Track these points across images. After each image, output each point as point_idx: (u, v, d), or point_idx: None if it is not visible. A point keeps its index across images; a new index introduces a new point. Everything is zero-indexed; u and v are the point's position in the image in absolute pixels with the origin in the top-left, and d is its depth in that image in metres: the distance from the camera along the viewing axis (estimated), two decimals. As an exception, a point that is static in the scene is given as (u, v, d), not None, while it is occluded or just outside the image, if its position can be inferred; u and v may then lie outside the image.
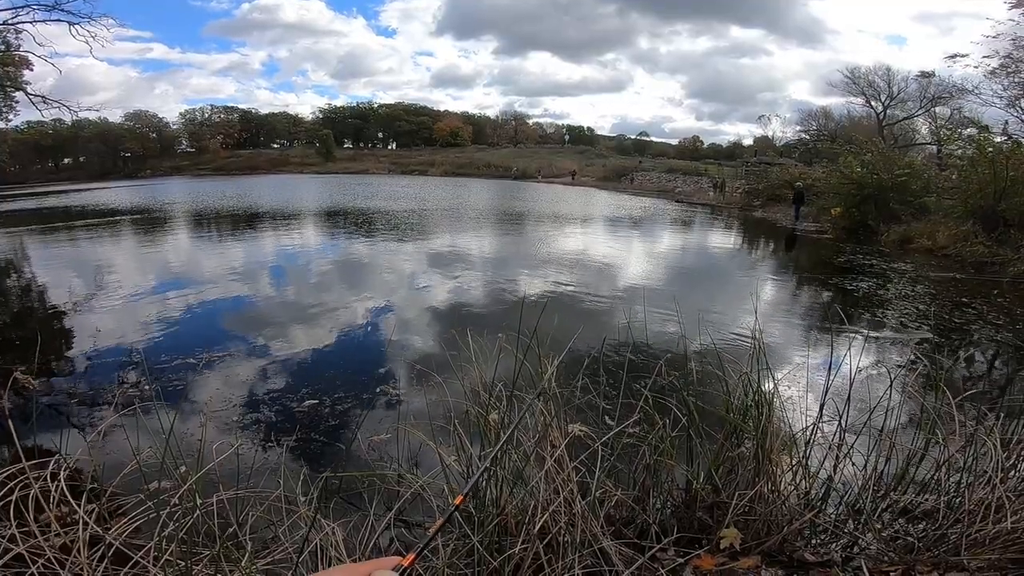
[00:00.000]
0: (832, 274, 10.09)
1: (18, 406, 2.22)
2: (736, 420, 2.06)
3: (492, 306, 6.97)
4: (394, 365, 4.85)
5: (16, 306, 7.52)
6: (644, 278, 9.30)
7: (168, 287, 7.95)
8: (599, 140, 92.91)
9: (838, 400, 2.03)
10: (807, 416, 2.08)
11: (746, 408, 2.09)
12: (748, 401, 2.10)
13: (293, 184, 42.26)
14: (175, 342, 5.36)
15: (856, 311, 7.41)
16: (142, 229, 16.10)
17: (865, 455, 1.93)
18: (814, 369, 3.49)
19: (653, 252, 12.51)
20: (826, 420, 2.04)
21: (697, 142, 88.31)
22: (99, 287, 8.04)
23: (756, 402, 2.07)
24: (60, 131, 62.60)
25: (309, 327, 6.06)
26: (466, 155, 72.09)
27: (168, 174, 64.33)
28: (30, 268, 10.36)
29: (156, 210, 22.06)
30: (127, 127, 70.87)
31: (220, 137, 76.18)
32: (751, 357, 2.22)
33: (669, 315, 6.13)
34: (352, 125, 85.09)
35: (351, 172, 64.61)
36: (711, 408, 2.24)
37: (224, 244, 13.20)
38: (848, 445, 1.97)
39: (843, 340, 5.19)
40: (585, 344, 4.85)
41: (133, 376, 4.51)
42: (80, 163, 69.34)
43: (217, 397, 4.05)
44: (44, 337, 5.63)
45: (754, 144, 64.87)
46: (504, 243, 13.55)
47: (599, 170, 53.25)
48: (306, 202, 25.49)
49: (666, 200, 31.04)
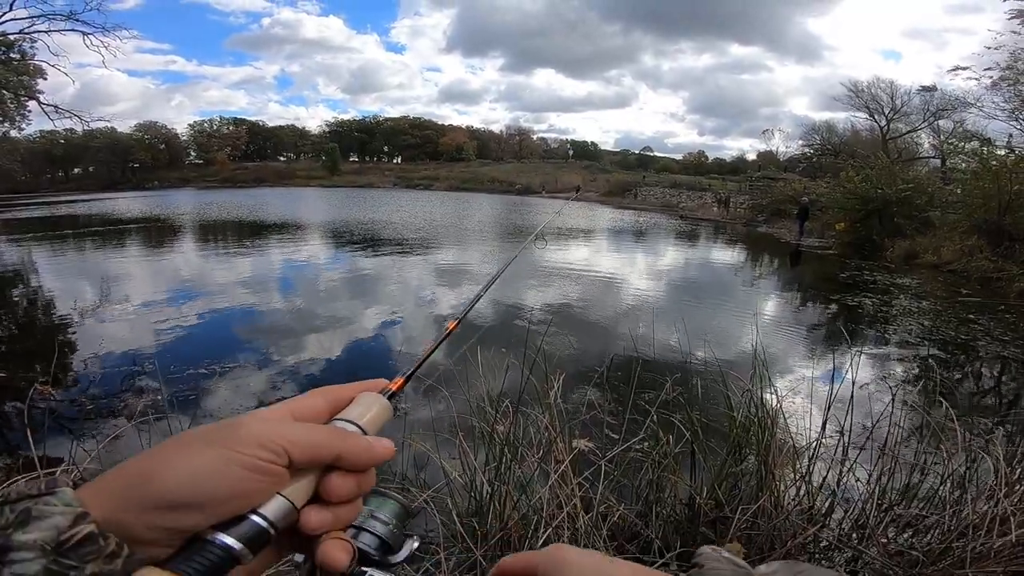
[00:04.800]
0: (836, 290, 10.08)
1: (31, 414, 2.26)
2: (739, 435, 2.08)
3: (497, 320, 7.00)
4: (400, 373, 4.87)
5: (32, 315, 7.60)
6: (647, 294, 9.32)
7: (180, 298, 8.03)
8: (603, 155, 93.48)
9: (841, 415, 2.04)
10: (810, 431, 2.09)
11: (749, 423, 2.11)
12: (751, 417, 2.12)
13: (300, 197, 42.59)
14: (185, 351, 5.41)
15: (859, 327, 7.40)
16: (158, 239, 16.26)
17: (869, 469, 1.94)
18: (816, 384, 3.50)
19: (656, 268, 12.54)
20: (829, 436, 2.05)
21: (701, 157, 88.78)
22: (114, 298, 8.11)
23: (759, 417, 2.09)
24: (71, 141, 63.36)
25: (317, 338, 6.10)
26: (470, 170, 72.55)
27: (176, 185, 64.92)
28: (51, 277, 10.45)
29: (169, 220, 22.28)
30: (137, 138, 71.71)
31: (228, 149, 76.99)
32: (754, 373, 2.25)
33: (672, 331, 6.15)
34: (358, 139, 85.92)
35: (356, 186, 65.07)
36: (714, 423, 2.26)
37: (235, 256, 13.30)
38: (851, 459, 1.98)
39: (846, 356, 5.19)
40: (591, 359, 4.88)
41: (143, 385, 4.55)
42: (89, 173, 70.06)
43: (225, 407, 4.08)
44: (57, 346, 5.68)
45: (757, 159, 65.28)
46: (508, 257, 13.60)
47: (603, 185, 53.42)
48: (315, 216, 25.68)
49: (670, 215, 31.11)
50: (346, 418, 0.38)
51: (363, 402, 0.40)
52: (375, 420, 0.39)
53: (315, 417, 0.37)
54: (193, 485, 0.30)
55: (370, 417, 0.39)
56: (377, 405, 0.40)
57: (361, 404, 0.40)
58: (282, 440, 0.32)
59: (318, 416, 0.38)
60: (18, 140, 37.62)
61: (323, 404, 0.38)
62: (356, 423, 0.38)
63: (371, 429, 0.38)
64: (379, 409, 0.40)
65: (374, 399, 0.41)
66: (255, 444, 0.31)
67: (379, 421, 0.40)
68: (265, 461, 0.31)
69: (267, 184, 65.69)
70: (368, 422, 0.38)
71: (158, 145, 73.22)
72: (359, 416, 0.38)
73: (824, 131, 42.43)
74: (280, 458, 0.32)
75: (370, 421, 0.39)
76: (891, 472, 1.89)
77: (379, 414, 0.40)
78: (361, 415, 0.39)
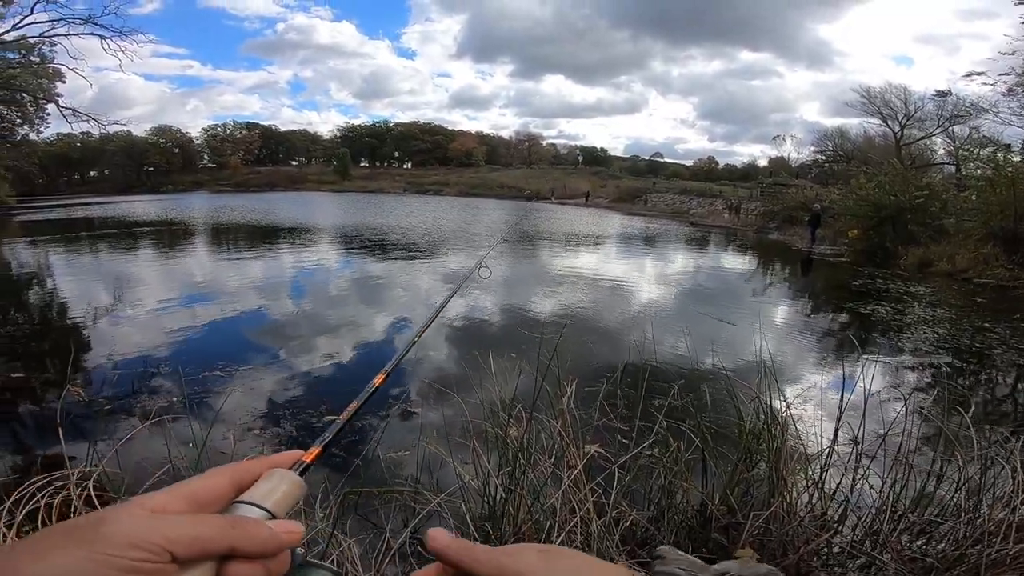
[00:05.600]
0: (848, 298, 10.00)
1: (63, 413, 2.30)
2: (749, 442, 2.09)
3: (509, 326, 7.03)
4: (414, 382, 4.91)
5: (47, 316, 7.74)
6: (656, 301, 9.31)
7: (193, 300, 8.15)
8: (613, 161, 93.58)
9: (852, 422, 2.05)
10: (821, 438, 2.10)
11: (759, 430, 2.11)
12: (760, 424, 2.12)
13: (311, 202, 42.97)
14: (199, 354, 5.49)
15: (872, 335, 7.34)
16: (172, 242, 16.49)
17: (882, 476, 1.94)
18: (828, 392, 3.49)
19: (665, 274, 12.51)
20: (841, 444, 2.05)
21: (712, 163, 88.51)
22: (128, 300, 8.24)
23: (769, 424, 2.10)
24: (88, 144, 64.46)
25: (329, 342, 6.16)
26: (480, 175, 72.91)
27: (189, 189, 65.82)
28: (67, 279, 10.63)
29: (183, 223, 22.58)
30: (152, 141, 72.82)
31: (241, 153, 77.97)
32: (762, 380, 2.26)
33: (682, 338, 6.15)
34: (369, 144, 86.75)
35: (367, 191, 65.59)
36: (724, 431, 2.27)
37: (248, 260, 13.46)
38: (864, 466, 1.98)
39: (857, 363, 5.15)
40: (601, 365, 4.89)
41: (156, 385, 4.62)
42: (105, 176, 71.22)
43: (240, 410, 4.14)
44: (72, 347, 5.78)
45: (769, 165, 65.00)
46: (519, 264, 13.65)
47: (613, 191, 53.43)
48: (326, 220, 25.91)
49: (680, 222, 31.00)
50: (250, 500, 0.35)
51: (271, 480, 0.37)
52: (284, 500, 0.36)
53: (217, 499, 0.35)
54: None
55: (277, 498, 0.36)
56: (287, 483, 0.37)
57: (269, 482, 0.37)
58: (158, 538, 0.29)
59: (220, 497, 0.35)
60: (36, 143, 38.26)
61: (226, 484, 0.36)
62: (260, 506, 0.35)
63: (279, 510, 0.36)
64: (288, 487, 0.37)
65: (283, 476, 0.38)
66: (125, 544, 0.28)
67: (288, 501, 0.37)
68: (140, 561, 0.28)
69: (279, 188, 66.46)
70: (275, 503, 0.36)
71: (172, 149, 74.39)
72: (264, 497, 0.36)
73: (836, 137, 42.24)
74: (159, 556, 0.29)
75: (277, 502, 0.36)
76: (905, 479, 1.89)
77: (288, 493, 0.37)
78: (267, 496, 0.36)
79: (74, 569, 0.27)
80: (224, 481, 0.36)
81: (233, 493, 0.36)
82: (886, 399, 4.15)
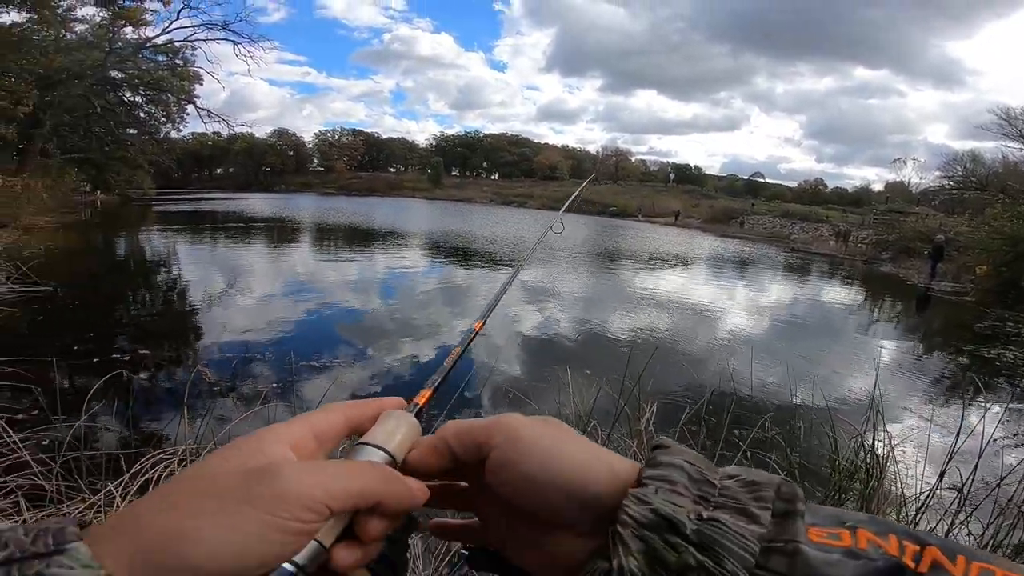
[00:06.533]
0: (970, 340, 8.94)
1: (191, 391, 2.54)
2: (841, 480, 1.98)
3: (589, 345, 7.04)
4: (487, 388, 5.05)
5: (169, 299, 8.78)
6: (746, 329, 8.87)
7: (295, 292, 8.98)
8: (707, 180, 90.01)
9: (961, 469, 1.88)
10: (920, 482, 1.94)
11: (854, 469, 2.00)
12: (857, 461, 2.01)
13: (406, 208, 45.10)
14: (294, 343, 6.00)
15: (995, 380, 6.54)
16: (282, 238, 18.11)
17: (984, 524, 1.77)
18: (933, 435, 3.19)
19: (759, 303, 11.85)
20: (944, 489, 1.90)
21: (819, 185, 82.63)
22: (238, 288, 9.20)
23: (866, 463, 1.98)
24: (217, 143, 71.77)
25: (411, 341, 6.49)
26: (564, 189, 72.87)
27: (299, 189, 71.44)
28: (190, 266, 12.01)
29: (293, 221, 24.64)
30: (271, 143, 79.94)
31: (345, 158, 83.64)
32: (865, 419, 2.13)
33: (771, 370, 5.82)
34: (460, 154, 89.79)
35: (456, 199, 67.73)
36: (812, 466, 2.15)
37: (343, 260, 14.46)
38: (967, 512, 1.81)
39: (972, 407, 4.63)
40: (682, 390, 4.76)
41: (253, 371, 5.06)
42: (228, 173, 78.97)
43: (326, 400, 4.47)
44: (188, 329, 6.49)
45: (885, 190, 59.60)
46: (600, 284, 13.55)
47: (705, 211, 51.34)
48: (421, 226, 27.09)
49: (779, 247, 29.18)
50: (372, 442, 0.34)
51: (389, 422, 0.35)
52: (403, 443, 0.35)
53: (334, 436, 0.34)
54: (231, 556, 0.26)
55: (399, 441, 0.34)
56: (405, 425, 0.35)
57: (387, 425, 0.35)
58: (325, 497, 0.28)
59: (337, 435, 0.34)
60: (176, 140, 42.74)
61: (342, 422, 0.35)
62: (384, 448, 0.33)
63: (399, 454, 0.34)
64: (407, 430, 0.35)
65: (400, 418, 0.36)
66: (299, 506, 0.27)
67: (407, 444, 0.35)
68: (309, 523, 0.28)
69: (377, 193, 70.43)
70: (397, 447, 0.34)
71: (287, 151, 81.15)
72: (386, 440, 0.34)
73: (968, 162, 37.68)
74: (323, 515, 0.28)
75: (399, 445, 0.34)
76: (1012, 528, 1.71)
77: (407, 436, 0.35)
78: (388, 439, 0.34)
79: (245, 531, 0.26)
80: (340, 419, 0.35)
81: (347, 432, 0.35)
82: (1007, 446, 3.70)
